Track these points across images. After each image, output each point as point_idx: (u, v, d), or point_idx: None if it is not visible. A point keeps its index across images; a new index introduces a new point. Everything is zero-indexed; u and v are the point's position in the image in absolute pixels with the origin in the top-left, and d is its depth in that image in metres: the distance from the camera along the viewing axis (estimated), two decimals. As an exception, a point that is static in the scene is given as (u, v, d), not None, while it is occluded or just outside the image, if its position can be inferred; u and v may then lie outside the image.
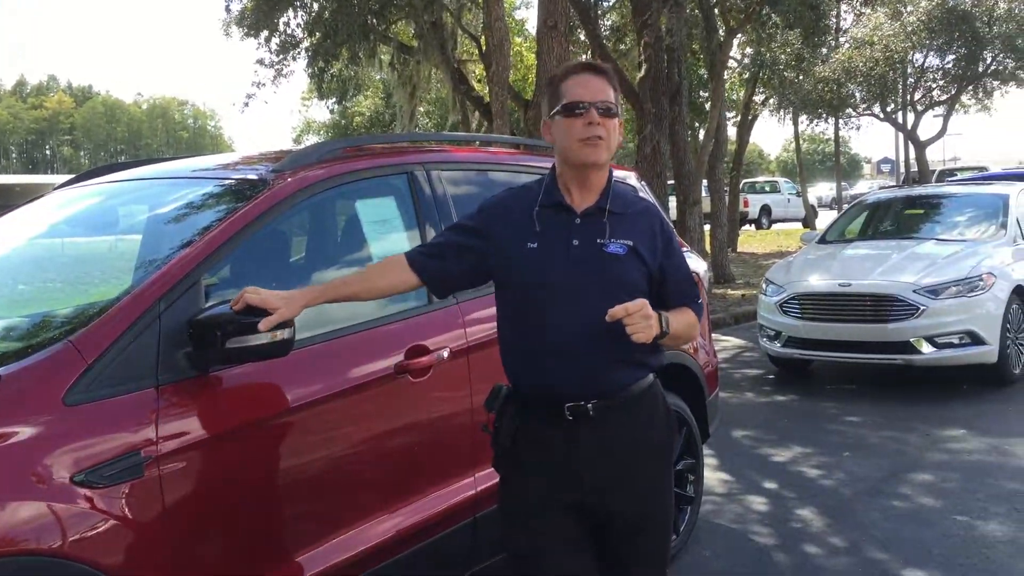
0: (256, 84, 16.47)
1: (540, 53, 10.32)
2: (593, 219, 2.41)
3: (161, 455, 2.38)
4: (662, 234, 2.47)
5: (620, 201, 2.45)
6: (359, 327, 2.98)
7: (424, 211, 3.35)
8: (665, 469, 2.55)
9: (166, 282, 2.54)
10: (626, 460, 2.41)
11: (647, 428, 2.46)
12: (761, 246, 24.16)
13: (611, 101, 2.38)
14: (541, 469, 2.41)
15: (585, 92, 2.36)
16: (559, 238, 2.39)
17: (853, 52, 23.14)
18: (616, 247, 2.38)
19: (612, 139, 2.38)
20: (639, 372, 2.44)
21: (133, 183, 3.51)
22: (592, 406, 2.36)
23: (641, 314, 2.23)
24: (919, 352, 7.33)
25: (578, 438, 2.38)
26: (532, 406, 2.42)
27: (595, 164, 2.38)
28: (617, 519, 2.42)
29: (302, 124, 40.32)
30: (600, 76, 2.40)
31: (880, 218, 9.74)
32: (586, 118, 2.34)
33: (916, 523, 4.64)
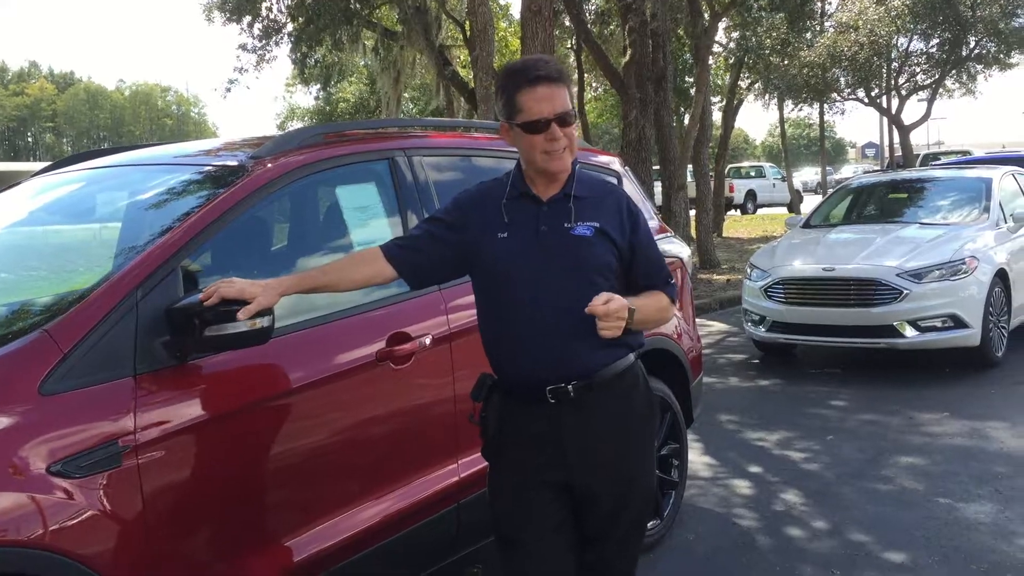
0: (238, 70, 16.37)
1: (524, 38, 10.27)
2: (559, 205, 2.45)
3: (139, 444, 2.37)
4: (628, 214, 2.49)
5: (584, 186, 2.49)
6: (340, 314, 2.96)
7: (405, 197, 3.33)
8: (647, 447, 2.59)
9: (143, 270, 2.51)
10: (609, 439, 2.46)
11: (629, 407, 2.50)
12: (747, 231, 24.20)
13: (568, 108, 2.40)
14: (527, 453, 2.46)
15: (543, 108, 2.37)
16: (527, 226, 2.43)
17: (838, 36, 23.16)
18: (583, 229, 2.42)
19: (574, 142, 2.43)
20: (618, 352, 2.47)
21: (112, 170, 3.47)
22: (572, 388, 2.40)
23: (617, 315, 2.28)
24: (903, 336, 7.37)
25: (561, 420, 2.42)
26: (515, 392, 2.46)
27: (561, 171, 2.44)
28: (601, 497, 2.47)
29: (286, 110, 40.10)
30: (557, 85, 2.39)
31: (864, 202, 9.77)
32: (548, 135, 2.37)
33: (899, 506, 4.67)
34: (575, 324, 2.35)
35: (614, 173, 4.54)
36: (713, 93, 26.04)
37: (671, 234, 4.76)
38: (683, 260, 4.68)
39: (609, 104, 27.38)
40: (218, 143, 3.71)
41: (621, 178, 4.54)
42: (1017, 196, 9.01)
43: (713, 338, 9.99)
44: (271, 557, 2.73)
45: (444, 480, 3.23)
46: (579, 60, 21.29)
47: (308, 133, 3.22)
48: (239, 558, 2.65)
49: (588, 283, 2.37)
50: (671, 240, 4.68)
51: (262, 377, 2.72)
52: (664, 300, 2.53)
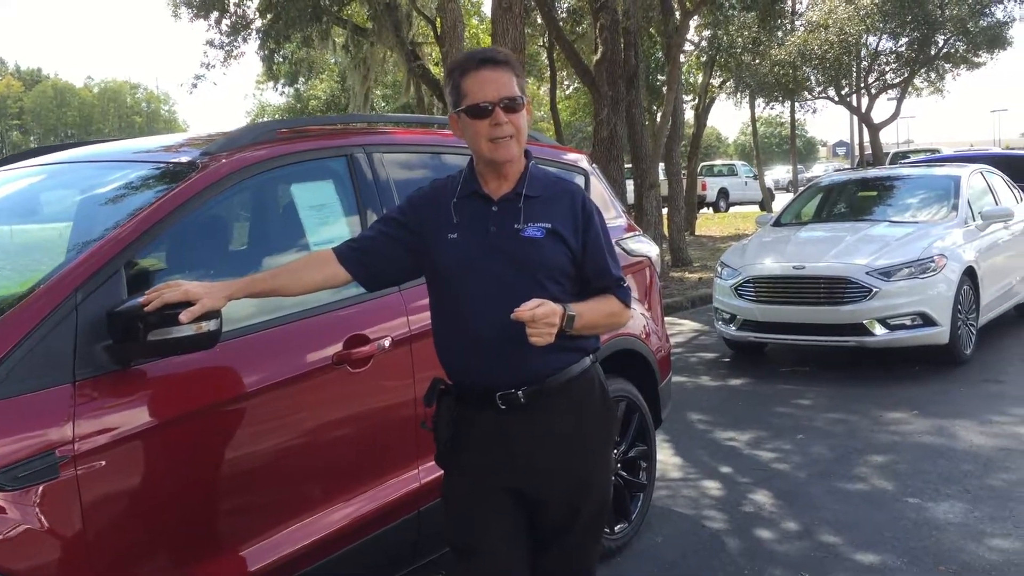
0: (205, 65, 16.15)
1: (495, 35, 10.16)
2: (510, 205, 2.37)
3: (78, 454, 2.26)
4: (583, 213, 2.40)
5: (537, 184, 2.40)
6: (296, 316, 2.86)
7: (365, 195, 3.23)
8: (602, 454, 2.51)
9: (84, 271, 2.41)
10: (561, 446, 2.38)
11: (582, 413, 2.42)
12: (719, 229, 24.25)
13: (514, 94, 2.32)
14: (479, 460, 2.39)
15: (487, 91, 2.30)
16: (477, 227, 2.35)
17: (808, 35, 23.28)
18: (533, 230, 2.33)
19: (522, 131, 2.34)
20: (571, 356, 2.39)
21: (61, 167, 3.35)
22: (523, 393, 2.33)
23: (546, 321, 2.19)
24: (872, 334, 7.36)
25: (512, 426, 2.35)
26: (467, 398, 2.39)
27: (506, 160, 2.34)
28: (553, 504, 2.40)
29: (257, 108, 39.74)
30: (499, 68, 2.33)
31: (834, 200, 9.77)
32: (492, 119, 2.29)
33: (868, 505, 4.63)
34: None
35: (581, 171, 4.47)
36: (685, 91, 26.05)
37: (639, 233, 4.69)
38: (651, 259, 4.62)
39: (582, 102, 27.32)
40: (174, 139, 3.59)
41: (589, 176, 4.47)
42: (985, 194, 9.05)
43: (684, 336, 9.96)
44: (223, 569, 2.63)
45: (404, 486, 3.14)
46: (551, 58, 21.24)
47: (262, 129, 3.12)
48: (189, 571, 2.55)
49: (538, 286, 2.29)
50: (640, 239, 4.62)
51: (211, 382, 2.62)
52: (615, 305, 2.43)
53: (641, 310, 4.45)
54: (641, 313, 4.43)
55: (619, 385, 4.11)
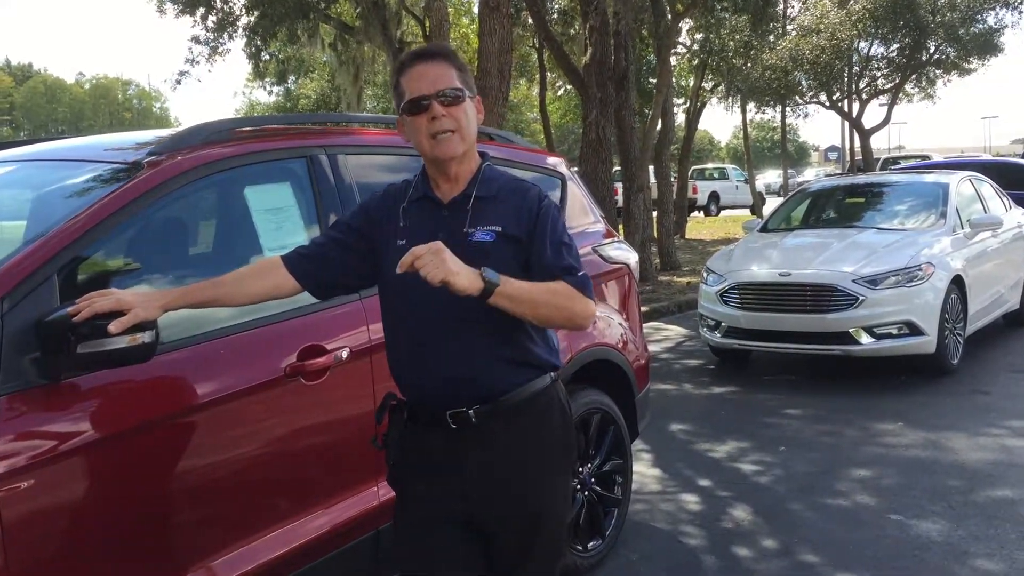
0: (190, 61, 15.95)
1: (482, 35, 10.03)
2: (459, 208, 2.22)
3: (0, 474, 2.11)
4: (537, 207, 2.22)
5: (490, 185, 2.25)
6: (245, 326, 2.71)
7: (325, 199, 3.08)
8: (560, 479, 2.35)
9: (10, 279, 2.25)
10: (515, 471, 2.23)
11: (539, 435, 2.26)
12: (709, 232, 24.18)
13: (454, 86, 2.18)
14: (428, 482, 2.24)
15: (423, 84, 2.17)
16: (425, 233, 2.18)
17: (800, 40, 23.17)
18: (482, 235, 2.18)
19: (466, 125, 2.20)
20: (527, 373, 2.24)
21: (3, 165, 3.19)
22: (474, 412, 2.17)
23: (430, 252, 1.97)
24: (858, 343, 7.24)
25: (463, 447, 2.20)
26: (417, 414, 2.24)
27: (452, 158, 2.20)
28: (504, 533, 2.25)
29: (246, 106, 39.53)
30: (437, 61, 2.20)
31: (822, 207, 9.66)
32: (429, 113, 2.16)
33: (850, 523, 4.50)
34: (473, 341, 2.13)
35: (559, 175, 4.33)
36: (677, 95, 25.96)
37: (617, 239, 4.55)
38: (630, 266, 4.48)
39: (572, 104, 27.20)
40: (130, 137, 3.43)
41: (566, 180, 4.33)
42: (974, 201, 8.94)
43: (670, 342, 9.84)
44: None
45: (362, 504, 2.99)
46: (541, 59, 21.12)
47: (214, 128, 2.95)
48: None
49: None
50: (618, 246, 4.47)
51: (151, 396, 2.47)
52: (564, 287, 2.15)
53: (619, 319, 4.32)
54: (619, 322, 4.30)
55: (593, 396, 3.98)
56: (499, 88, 9.64)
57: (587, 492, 3.95)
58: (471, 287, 1.99)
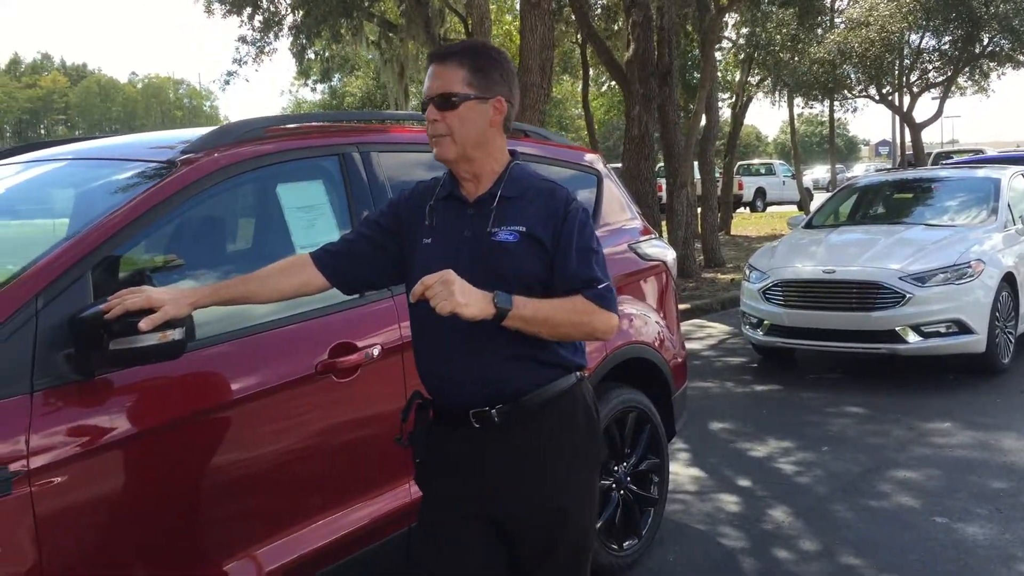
0: (237, 61, 16.15)
1: (523, 31, 10.00)
2: (484, 207, 2.20)
3: (33, 469, 2.14)
4: (562, 209, 2.18)
5: (516, 185, 2.22)
6: (276, 324, 2.72)
7: (358, 197, 3.09)
8: (583, 484, 2.30)
9: (46, 276, 2.28)
10: (537, 471, 2.20)
11: (562, 436, 2.23)
12: (755, 229, 23.91)
13: (449, 90, 2.15)
14: (452, 481, 2.24)
15: (428, 86, 2.19)
16: (451, 231, 2.19)
17: (848, 32, 22.78)
18: (506, 235, 2.15)
19: (459, 130, 2.16)
20: (550, 373, 2.21)
21: (43, 164, 3.24)
22: (496, 412, 2.16)
23: (440, 283, 1.96)
24: (904, 341, 7.10)
25: (485, 447, 2.19)
26: (442, 414, 2.24)
27: (445, 160, 2.20)
28: (528, 533, 2.23)
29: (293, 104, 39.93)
30: (447, 62, 2.18)
31: (869, 202, 9.50)
32: (427, 115, 2.17)
33: (893, 525, 4.42)
34: (495, 340, 2.11)
35: (595, 172, 4.30)
36: (723, 90, 25.68)
37: (654, 236, 4.50)
38: (667, 263, 4.43)
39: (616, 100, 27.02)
40: (170, 136, 3.46)
41: (602, 178, 4.30)
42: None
43: (712, 340, 9.74)
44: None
45: (394, 501, 3.00)
46: (584, 55, 21.02)
47: (248, 126, 2.97)
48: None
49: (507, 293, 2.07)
50: (655, 243, 4.43)
51: (183, 393, 2.49)
52: (583, 304, 2.13)
53: (655, 317, 4.27)
54: (655, 320, 4.25)
55: (629, 395, 3.94)
56: (540, 85, 9.59)
57: (622, 491, 3.91)
58: (482, 315, 1.99)
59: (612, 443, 3.88)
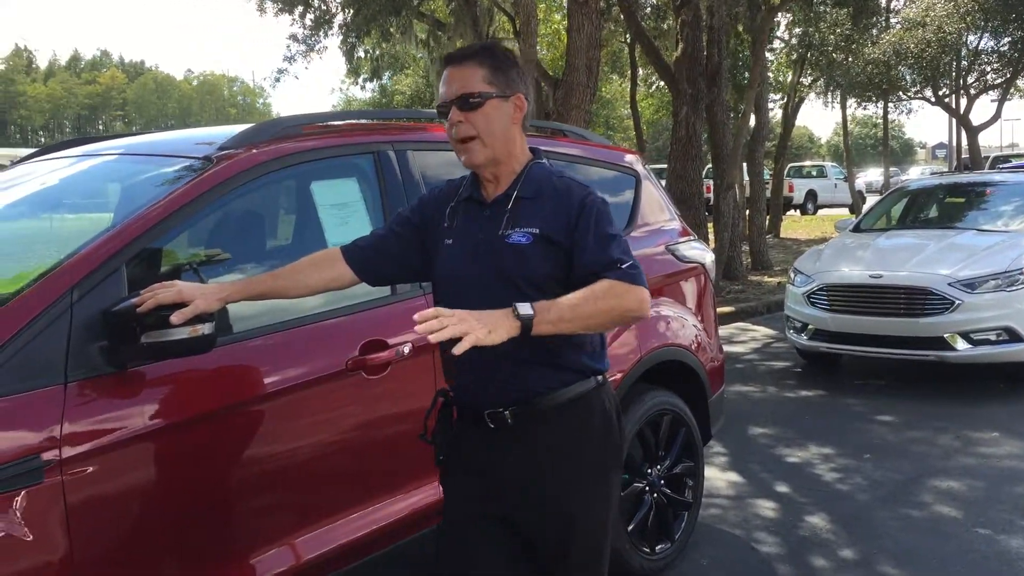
0: (288, 59, 16.33)
1: (570, 30, 9.96)
2: (500, 209, 2.19)
3: (65, 459, 2.18)
4: (577, 206, 2.13)
5: (532, 186, 2.20)
6: (307, 320, 2.75)
7: (392, 195, 3.10)
8: (597, 491, 2.26)
9: (81, 269, 2.33)
10: (548, 474, 2.19)
11: (575, 440, 2.21)
12: (805, 232, 23.59)
13: (471, 90, 2.13)
14: (469, 480, 2.24)
15: (446, 89, 2.16)
16: (469, 232, 2.19)
17: (904, 33, 22.38)
18: (519, 236, 2.13)
19: (487, 130, 2.14)
20: (566, 376, 2.19)
21: (86, 160, 3.30)
22: (510, 413, 2.15)
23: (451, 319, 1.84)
24: (953, 349, 6.95)
25: (500, 448, 2.19)
26: (462, 413, 2.25)
27: (472, 165, 2.19)
28: (539, 537, 2.22)
29: (343, 102, 40.29)
30: (464, 64, 2.16)
31: (920, 206, 9.31)
32: (450, 118, 2.15)
33: (934, 535, 4.33)
34: (516, 343, 2.09)
35: (633, 173, 4.27)
36: (775, 90, 25.35)
37: (693, 238, 4.46)
38: (705, 266, 4.38)
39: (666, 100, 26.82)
40: (213, 133, 3.51)
41: (640, 178, 4.27)
42: (1086, 202, 8.48)
43: (756, 343, 9.63)
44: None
45: (424, 498, 3.01)
46: (632, 55, 20.90)
47: (285, 124, 3.01)
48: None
49: (521, 297, 2.03)
50: (693, 245, 4.39)
51: (214, 386, 2.52)
52: (608, 284, 2.03)
53: (693, 319, 4.23)
54: (692, 323, 4.21)
55: (663, 398, 3.91)
56: (587, 84, 9.55)
57: (656, 494, 3.88)
58: (509, 335, 1.91)
59: (646, 446, 3.85)
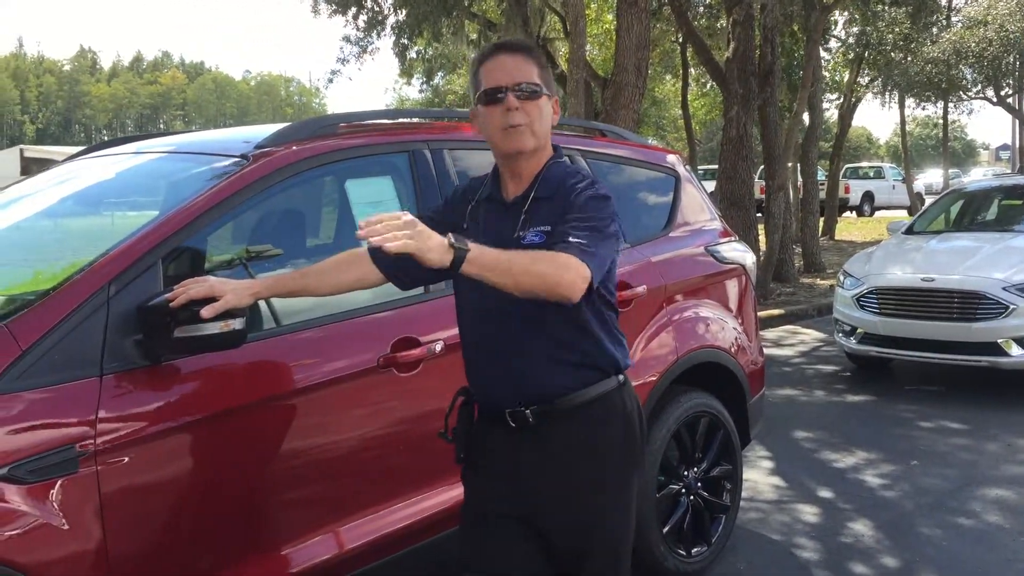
0: (341, 60, 16.52)
1: (619, 30, 9.92)
2: (516, 209, 2.20)
3: (100, 449, 2.23)
4: (572, 197, 2.11)
5: (548, 185, 2.20)
6: (339, 317, 2.78)
7: (426, 194, 3.12)
8: (618, 492, 2.26)
9: (118, 264, 2.38)
10: (568, 473, 2.19)
11: (595, 440, 2.21)
12: (861, 234, 23.19)
13: (532, 80, 2.14)
14: (489, 479, 2.25)
15: (502, 75, 2.15)
16: (487, 233, 2.18)
17: (964, 32, 21.89)
18: (532, 236, 2.13)
19: (539, 122, 2.16)
20: (588, 375, 2.19)
21: (129, 157, 3.37)
22: (531, 412, 2.15)
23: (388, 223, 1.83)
24: (1007, 354, 6.78)
25: (519, 447, 2.19)
26: (482, 412, 2.26)
27: (520, 152, 2.17)
28: (560, 534, 2.21)
29: (396, 101, 40.61)
30: (518, 54, 2.17)
31: (976, 208, 9.11)
32: (504, 105, 2.13)
33: (980, 544, 4.23)
34: (537, 342, 2.11)
35: (673, 173, 4.25)
36: (831, 90, 24.96)
37: (734, 238, 4.42)
38: (745, 267, 4.33)
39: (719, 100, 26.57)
40: (247, 132, 3.56)
41: (680, 178, 4.24)
42: None
43: (805, 347, 9.50)
44: (257, 571, 2.57)
45: (453, 496, 3.01)
46: (683, 54, 20.73)
47: (322, 122, 3.05)
48: (221, 572, 2.50)
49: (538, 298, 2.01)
50: (733, 246, 4.34)
51: (246, 381, 2.56)
52: (550, 254, 1.98)
53: (732, 322, 4.19)
54: (732, 325, 4.17)
55: (701, 399, 3.88)
56: (635, 84, 9.51)
57: (692, 497, 3.86)
58: (440, 263, 1.87)
59: (682, 448, 3.83)
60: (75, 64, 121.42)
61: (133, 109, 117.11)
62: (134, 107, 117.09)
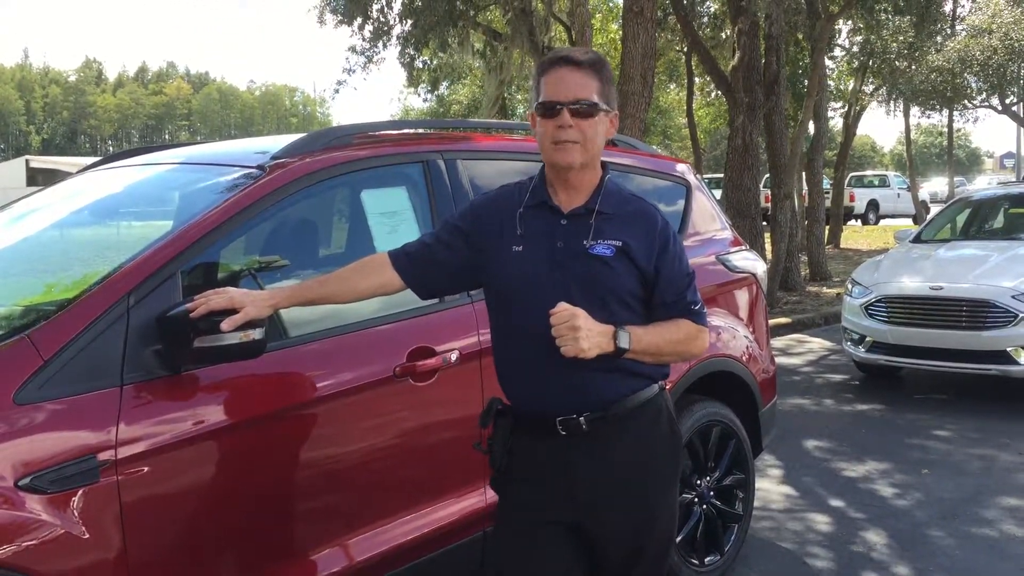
0: (347, 71, 16.56)
1: (625, 39, 9.95)
2: (580, 220, 2.21)
3: (120, 459, 2.24)
4: (660, 236, 2.22)
5: (611, 201, 2.24)
6: (356, 327, 2.79)
7: (440, 203, 3.13)
8: (668, 489, 2.33)
9: (138, 275, 2.40)
10: (624, 478, 2.22)
11: (648, 444, 2.26)
12: (866, 242, 23.17)
13: (588, 98, 2.14)
14: (535, 488, 2.25)
15: (558, 90, 2.15)
16: (543, 240, 2.20)
17: (969, 40, 21.90)
18: (603, 248, 2.17)
19: (591, 139, 2.17)
20: (636, 382, 2.23)
21: (143, 169, 3.39)
22: (585, 420, 2.18)
23: (567, 325, 2.02)
24: (1016, 363, 6.77)
25: (572, 455, 2.21)
26: (525, 421, 2.25)
27: (567, 167, 2.18)
28: (614, 541, 2.24)
29: (401, 111, 40.73)
30: (578, 70, 2.16)
31: (983, 217, 9.11)
32: (557, 120, 2.14)
33: (992, 553, 4.22)
34: None
35: (684, 182, 4.26)
36: (835, 99, 24.98)
37: (744, 247, 4.42)
38: (757, 276, 4.34)
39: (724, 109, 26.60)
40: (259, 143, 3.58)
41: (691, 187, 4.25)
42: None
43: (812, 355, 9.48)
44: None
45: (469, 505, 3.03)
46: (688, 64, 20.78)
47: (336, 133, 3.07)
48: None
49: (602, 307, 2.13)
50: (744, 255, 4.35)
51: (265, 391, 2.57)
52: (686, 328, 2.24)
53: (744, 331, 4.20)
54: (743, 334, 4.18)
55: (713, 408, 3.88)
56: (642, 93, 9.53)
57: (705, 506, 3.85)
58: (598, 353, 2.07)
59: (695, 457, 3.83)
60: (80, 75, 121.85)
61: (138, 120, 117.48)
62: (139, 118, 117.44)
